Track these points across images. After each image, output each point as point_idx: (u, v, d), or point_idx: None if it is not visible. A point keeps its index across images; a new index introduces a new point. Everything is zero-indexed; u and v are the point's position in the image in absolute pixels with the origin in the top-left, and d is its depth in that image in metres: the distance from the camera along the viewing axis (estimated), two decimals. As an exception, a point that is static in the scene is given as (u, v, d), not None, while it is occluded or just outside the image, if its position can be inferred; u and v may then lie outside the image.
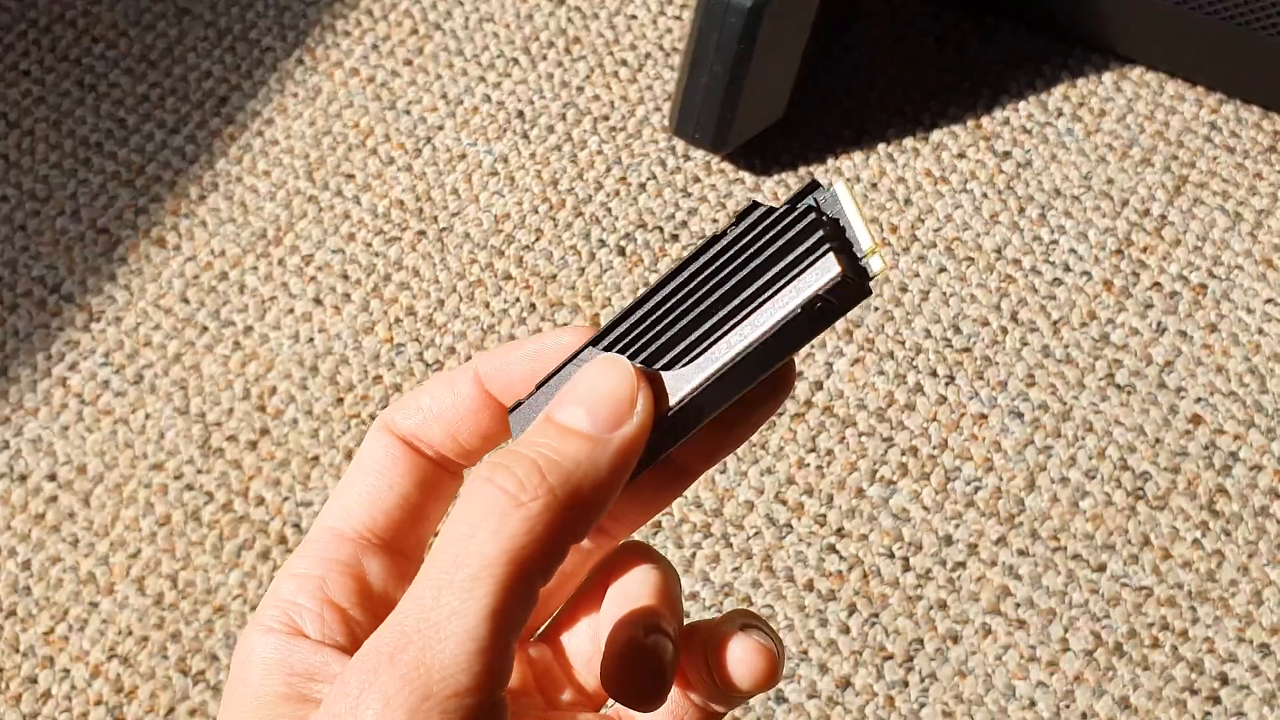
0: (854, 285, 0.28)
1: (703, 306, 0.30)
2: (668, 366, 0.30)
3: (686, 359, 0.30)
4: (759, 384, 0.30)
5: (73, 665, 0.75)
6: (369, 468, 0.33)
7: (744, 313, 0.29)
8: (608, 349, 0.31)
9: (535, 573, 0.28)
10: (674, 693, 0.32)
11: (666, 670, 0.31)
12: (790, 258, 0.29)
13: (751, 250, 0.29)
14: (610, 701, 0.34)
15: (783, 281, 0.29)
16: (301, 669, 0.30)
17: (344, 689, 0.27)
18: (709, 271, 0.30)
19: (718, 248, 0.30)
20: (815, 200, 0.29)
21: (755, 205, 0.30)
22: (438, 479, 0.33)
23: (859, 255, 0.29)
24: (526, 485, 0.28)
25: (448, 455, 0.33)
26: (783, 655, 0.32)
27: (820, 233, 0.28)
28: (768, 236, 0.29)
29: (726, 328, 0.29)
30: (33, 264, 0.88)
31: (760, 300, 0.29)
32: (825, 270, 0.28)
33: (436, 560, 0.28)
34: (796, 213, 0.29)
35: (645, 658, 0.30)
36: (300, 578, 0.32)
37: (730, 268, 0.30)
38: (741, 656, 0.31)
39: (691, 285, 0.30)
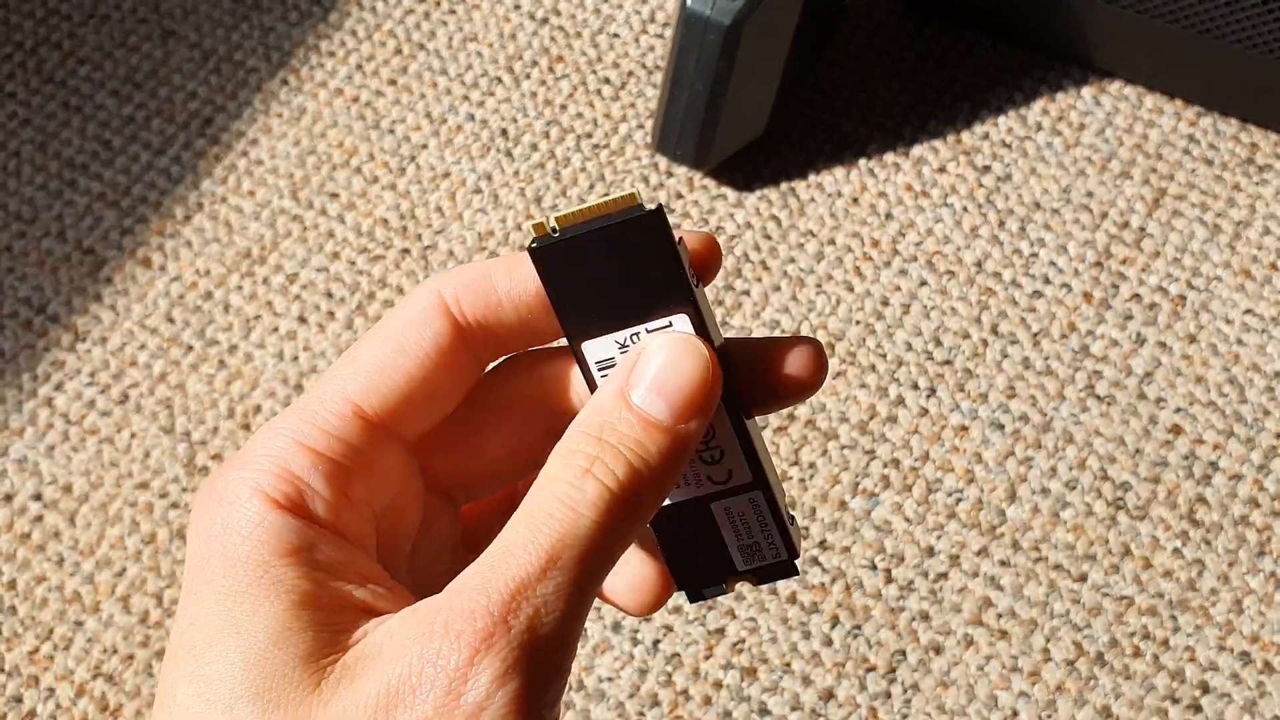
0: None
1: None
2: None
3: None
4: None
5: (58, 684, 0.76)
6: (395, 342, 0.31)
7: None
8: None
9: (617, 557, 0.29)
10: None
11: None
12: None
13: None
14: None
15: None
16: (327, 562, 0.28)
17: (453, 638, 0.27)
18: None
19: None
20: None
21: None
22: (463, 362, 0.31)
23: None
24: (627, 485, 0.28)
25: (500, 327, 0.31)
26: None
27: None
28: None
29: None
30: (18, 285, 0.89)
31: None
32: None
33: (538, 534, 0.28)
34: None
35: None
36: (315, 455, 0.29)
37: None
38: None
39: None
